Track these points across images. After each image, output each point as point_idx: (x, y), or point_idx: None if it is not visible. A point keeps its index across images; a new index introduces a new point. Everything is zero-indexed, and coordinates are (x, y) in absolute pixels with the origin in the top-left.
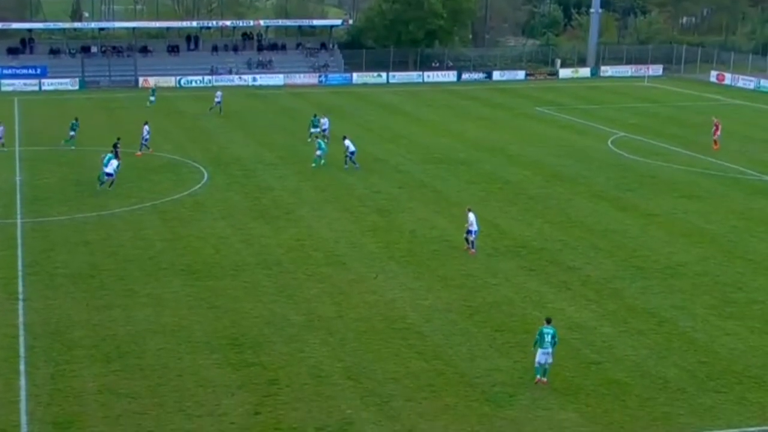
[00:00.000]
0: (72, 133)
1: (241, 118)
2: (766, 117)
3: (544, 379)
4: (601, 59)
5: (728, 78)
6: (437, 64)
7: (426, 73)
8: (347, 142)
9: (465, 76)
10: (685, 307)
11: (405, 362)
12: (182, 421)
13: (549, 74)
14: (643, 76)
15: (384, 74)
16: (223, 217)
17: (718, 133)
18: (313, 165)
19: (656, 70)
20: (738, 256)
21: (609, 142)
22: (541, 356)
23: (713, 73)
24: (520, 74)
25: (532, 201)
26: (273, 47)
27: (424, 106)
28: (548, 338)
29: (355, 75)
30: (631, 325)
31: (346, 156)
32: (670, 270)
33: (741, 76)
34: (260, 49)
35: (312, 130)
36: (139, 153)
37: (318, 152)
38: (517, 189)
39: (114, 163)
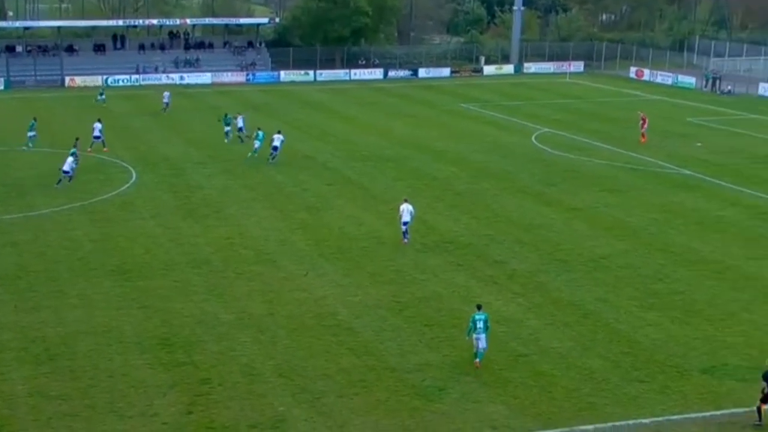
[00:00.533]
0: (31, 133)
1: (169, 117)
2: (683, 112)
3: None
4: (524, 56)
5: (647, 74)
6: (364, 62)
7: (353, 71)
8: (276, 136)
9: (391, 73)
10: (608, 299)
11: (336, 358)
12: (114, 423)
13: (473, 71)
14: (565, 73)
15: (311, 72)
16: (152, 216)
17: (645, 126)
18: (249, 155)
19: (578, 66)
20: (658, 248)
21: (533, 138)
22: (476, 342)
23: (632, 69)
24: (446, 71)
25: (458, 197)
26: (200, 46)
27: (351, 103)
28: (480, 324)
29: (282, 73)
30: (557, 318)
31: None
32: (593, 263)
33: (659, 72)
34: (187, 47)
35: (226, 128)
36: (89, 150)
37: (256, 144)
38: (443, 185)
39: (69, 160)
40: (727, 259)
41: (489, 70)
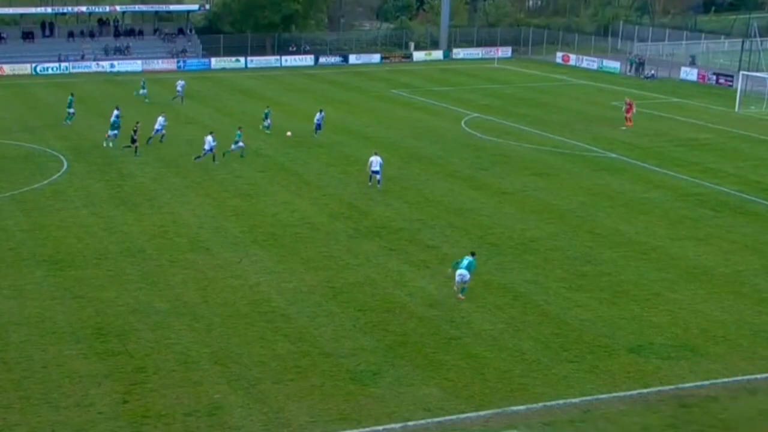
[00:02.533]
0: (70, 110)
1: (100, 105)
2: (608, 96)
3: (461, 296)
4: (453, 42)
5: (573, 59)
6: (294, 49)
7: (284, 58)
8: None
9: (322, 59)
10: (538, 281)
11: (271, 345)
12: (49, 413)
13: (403, 57)
14: (493, 58)
15: (242, 59)
16: (84, 205)
17: (632, 111)
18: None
19: (505, 52)
20: (586, 230)
21: (462, 123)
22: (456, 276)
23: (559, 54)
24: (376, 57)
25: (390, 182)
26: (130, 33)
27: (282, 90)
28: (464, 262)
29: (213, 60)
30: (488, 300)
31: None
32: (523, 246)
33: (585, 57)
34: (117, 35)
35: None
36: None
37: (239, 144)
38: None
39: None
40: (652, 240)
41: (418, 56)
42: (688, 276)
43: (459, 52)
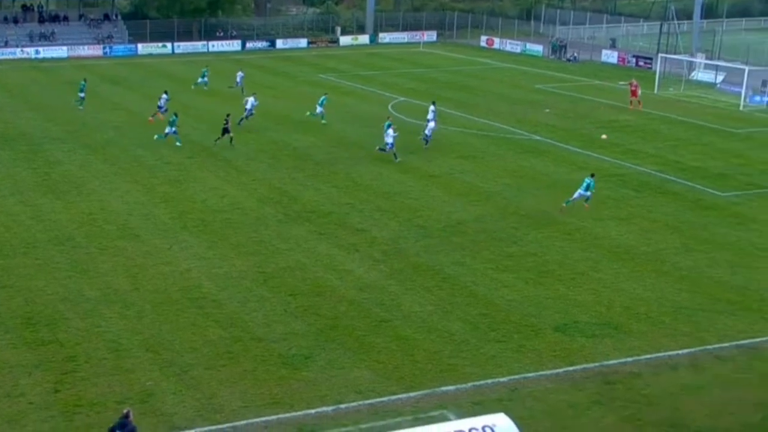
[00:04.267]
0: (81, 94)
1: (25, 92)
2: (532, 79)
3: (586, 205)
4: (379, 26)
5: (497, 42)
6: (221, 34)
7: (211, 43)
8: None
9: (249, 45)
10: (465, 263)
11: (202, 331)
12: None
13: (330, 42)
14: (419, 43)
15: (169, 45)
16: (11, 193)
17: (639, 92)
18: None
19: (431, 36)
20: (511, 212)
21: (390, 107)
22: (575, 194)
23: (483, 38)
24: (303, 42)
25: (318, 166)
26: (55, 19)
27: (210, 75)
28: (584, 185)
29: (140, 46)
30: (417, 283)
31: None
32: (450, 228)
33: (509, 41)
34: (42, 21)
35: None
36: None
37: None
38: (303, 155)
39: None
40: (575, 221)
41: (345, 40)
42: (611, 255)
43: (385, 37)
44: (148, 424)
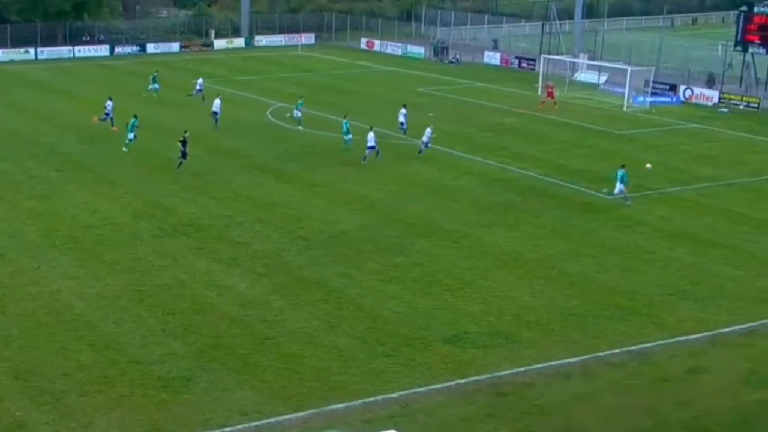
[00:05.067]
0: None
1: None
2: (414, 82)
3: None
4: (255, 29)
5: (377, 44)
6: (88, 38)
7: (77, 48)
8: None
9: (118, 49)
10: (351, 275)
11: (75, 355)
12: None
13: (204, 46)
14: (297, 45)
15: (32, 50)
16: None
17: (555, 94)
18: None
19: (309, 38)
20: (397, 220)
21: (268, 113)
22: (618, 188)
23: (363, 40)
24: (175, 46)
25: (195, 177)
26: None
27: (77, 82)
28: (618, 175)
29: (0, 52)
30: (302, 297)
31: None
32: (334, 239)
33: (389, 43)
34: None
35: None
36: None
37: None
38: None
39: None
40: (462, 228)
41: (220, 44)
42: (499, 263)
43: (261, 40)
44: None
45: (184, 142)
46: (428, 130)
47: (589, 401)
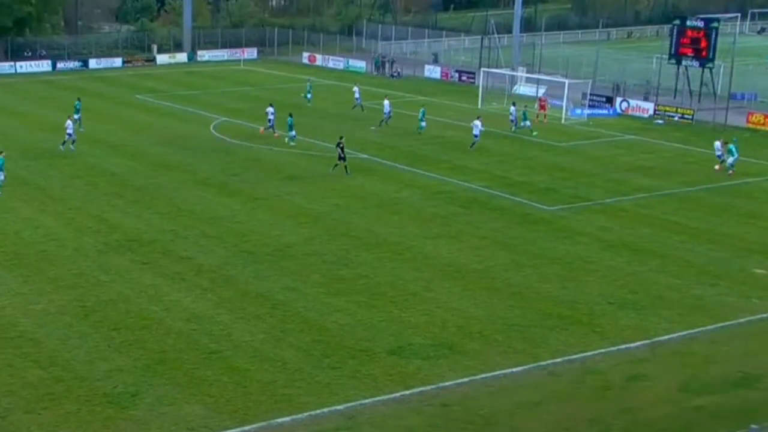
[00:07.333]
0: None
1: None
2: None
3: (731, 171)
4: (197, 44)
5: (319, 59)
6: (30, 54)
7: (18, 64)
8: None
9: (60, 65)
10: (296, 288)
11: (20, 372)
12: None
13: (146, 61)
14: (239, 60)
15: None
16: None
17: (547, 107)
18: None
19: (251, 53)
20: (341, 233)
21: (211, 128)
22: (730, 160)
23: (305, 54)
24: (117, 61)
25: (139, 192)
26: None
27: (18, 98)
28: (730, 148)
29: None
30: (247, 311)
31: None
32: (279, 252)
33: (331, 57)
34: None
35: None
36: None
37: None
38: (122, 180)
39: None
40: (406, 240)
41: (162, 59)
42: (442, 274)
43: (204, 54)
44: None
45: (341, 147)
46: (477, 122)
47: (533, 411)
